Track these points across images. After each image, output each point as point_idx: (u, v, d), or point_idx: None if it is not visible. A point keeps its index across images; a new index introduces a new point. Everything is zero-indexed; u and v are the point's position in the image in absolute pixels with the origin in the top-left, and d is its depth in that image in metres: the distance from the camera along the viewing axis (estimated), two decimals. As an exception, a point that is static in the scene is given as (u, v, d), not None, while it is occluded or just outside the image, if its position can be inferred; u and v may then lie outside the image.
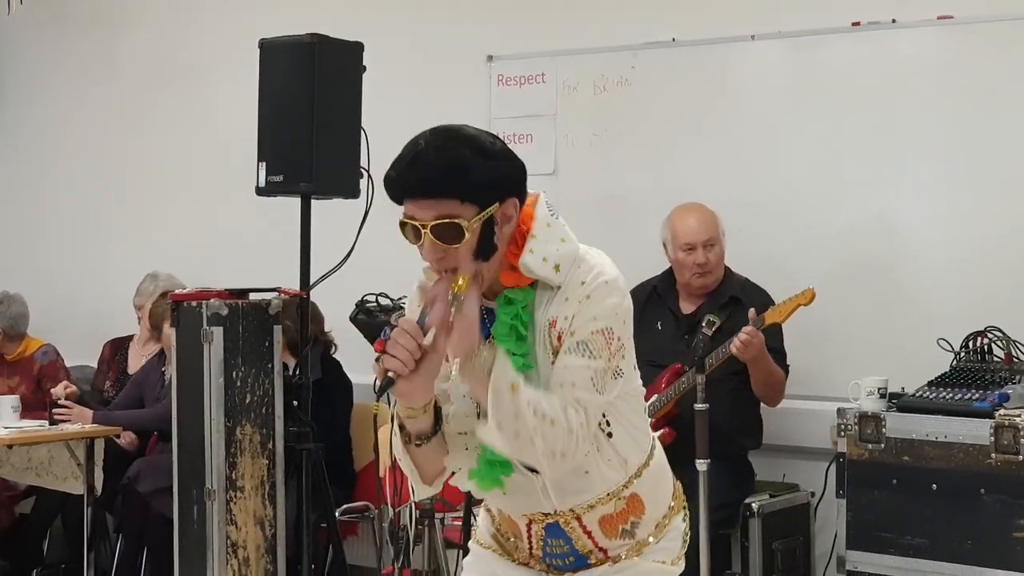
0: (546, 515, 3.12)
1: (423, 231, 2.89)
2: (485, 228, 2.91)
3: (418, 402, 2.93)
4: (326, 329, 6.89)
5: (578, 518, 3.11)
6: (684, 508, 3.30)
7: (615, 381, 3.00)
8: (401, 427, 3.00)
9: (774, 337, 5.76)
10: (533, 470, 2.98)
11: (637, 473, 3.12)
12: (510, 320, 2.97)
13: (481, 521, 3.35)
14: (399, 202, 2.96)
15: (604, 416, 3.01)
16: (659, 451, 3.22)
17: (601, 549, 3.17)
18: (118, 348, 7.75)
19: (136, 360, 7.63)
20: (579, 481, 3.04)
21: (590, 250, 3.04)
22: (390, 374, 2.84)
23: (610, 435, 3.04)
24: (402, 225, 2.94)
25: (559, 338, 2.96)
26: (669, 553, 3.22)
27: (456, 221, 2.87)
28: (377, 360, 2.85)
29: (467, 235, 2.88)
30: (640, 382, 3.15)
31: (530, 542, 3.19)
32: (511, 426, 2.87)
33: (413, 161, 2.93)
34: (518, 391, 2.86)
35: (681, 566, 3.25)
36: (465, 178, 2.90)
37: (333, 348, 6.95)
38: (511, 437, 2.89)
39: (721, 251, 5.95)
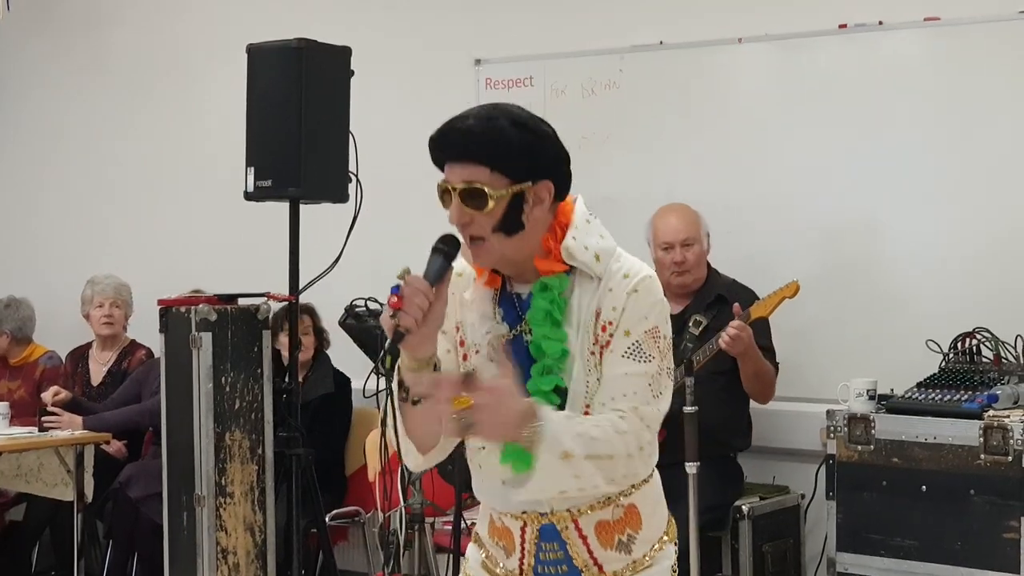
0: (542, 515, 3.11)
1: (452, 193, 2.96)
2: (513, 202, 2.97)
3: (425, 352, 2.95)
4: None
5: (575, 520, 3.09)
6: (676, 543, 3.28)
7: (668, 380, 3.03)
8: (401, 384, 2.99)
9: (762, 335, 5.77)
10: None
11: (638, 486, 3.10)
12: (547, 305, 3.00)
13: (470, 553, 3.35)
14: (441, 167, 3.03)
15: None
16: (658, 477, 3.21)
17: (597, 563, 3.13)
18: (78, 359, 7.70)
19: (97, 371, 7.58)
20: None
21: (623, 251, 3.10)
22: (401, 329, 2.87)
23: None
24: (439, 188, 3.02)
25: (604, 328, 2.98)
26: None
27: (481, 187, 2.94)
28: (393, 316, 2.87)
29: (491, 204, 2.94)
30: None
31: (523, 550, 3.16)
32: (568, 484, 2.92)
33: (453, 125, 2.99)
34: (571, 458, 2.85)
35: None
36: (497, 147, 2.95)
37: (326, 344, 6.98)
38: (568, 486, 2.94)
39: (701, 251, 5.96)
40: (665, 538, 3.21)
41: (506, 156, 2.95)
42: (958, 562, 5.20)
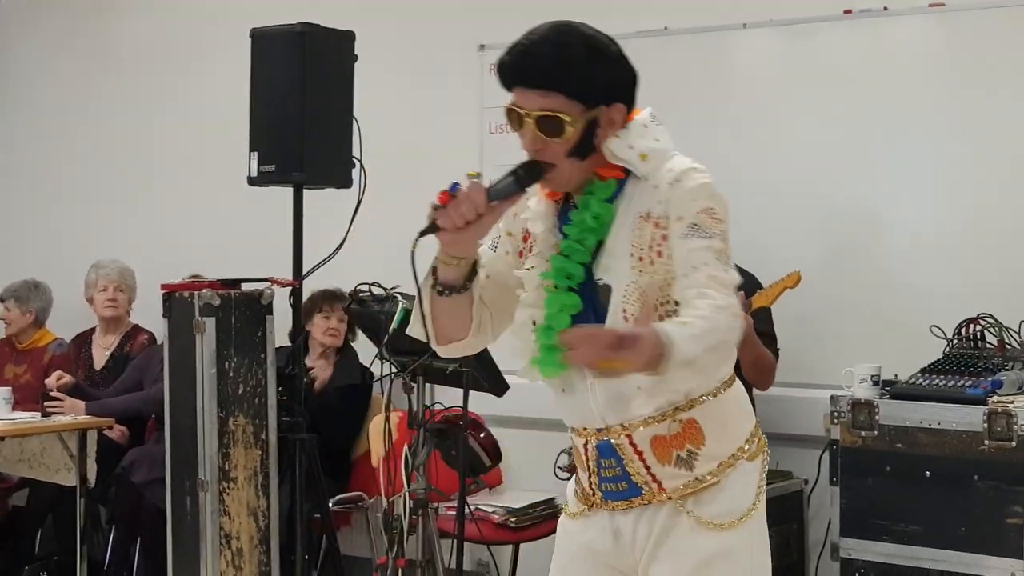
0: (598, 431, 3.09)
1: (526, 120, 2.95)
2: (588, 128, 2.96)
3: (460, 252, 2.99)
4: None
5: (628, 435, 3.06)
6: (765, 458, 3.17)
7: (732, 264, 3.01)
8: (433, 270, 3.03)
9: (763, 321, 5.76)
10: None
11: (699, 401, 3.05)
12: (589, 216, 3.00)
13: (570, 484, 3.32)
14: (509, 88, 3.01)
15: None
16: (737, 391, 3.16)
17: (655, 479, 3.07)
18: (82, 344, 7.74)
19: (100, 355, 7.62)
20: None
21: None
22: (437, 223, 2.91)
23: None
24: (508, 112, 3.00)
25: (656, 224, 2.97)
26: (731, 512, 3.08)
27: (560, 115, 2.93)
28: (435, 208, 2.91)
29: (568, 131, 2.93)
30: None
31: (588, 469, 3.14)
32: (691, 381, 2.96)
33: (528, 49, 2.98)
34: (696, 362, 2.79)
35: (755, 523, 3.11)
36: (576, 75, 2.94)
37: (354, 336, 6.99)
38: (691, 382, 2.98)
39: None
40: (738, 454, 3.11)
41: (582, 83, 2.94)
42: (962, 547, 5.20)
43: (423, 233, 2.92)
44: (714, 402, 3.07)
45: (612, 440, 3.07)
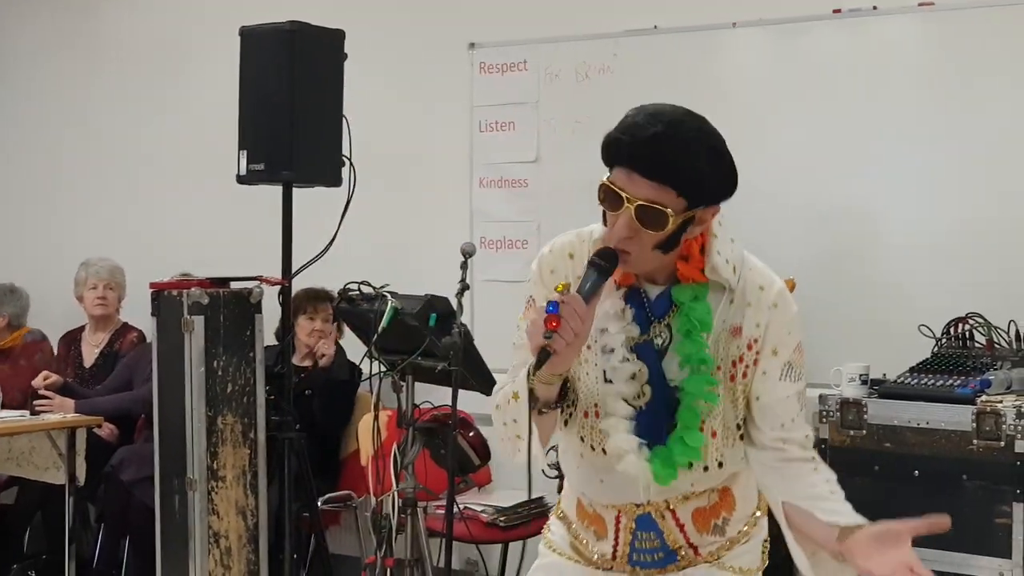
0: (638, 506, 3.07)
1: (628, 206, 2.78)
2: (681, 225, 2.84)
3: (564, 370, 2.85)
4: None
5: (672, 511, 3.07)
6: (767, 510, 3.23)
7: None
8: (531, 392, 2.87)
9: None
10: None
11: (736, 471, 3.09)
12: (696, 320, 2.91)
13: (555, 528, 3.28)
14: (611, 165, 2.86)
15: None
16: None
17: (692, 546, 3.11)
18: (71, 342, 7.73)
19: (89, 352, 7.61)
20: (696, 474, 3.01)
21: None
22: (551, 350, 2.75)
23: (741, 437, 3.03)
24: (605, 189, 2.83)
25: (749, 347, 2.92)
26: (753, 560, 3.20)
27: (665, 211, 2.78)
28: (547, 337, 2.74)
29: (668, 226, 2.80)
30: None
31: (617, 538, 3.12)
32: None
33: (654, 138, 2.80)
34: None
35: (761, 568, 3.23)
36: (693, 177, 2.81)
37: (341, 333, 7.01)
38: None
39: None
40: (758, 513, 3.20)
41: (696, 185, 2.83)
42: (950, 547, 5.20)
43: (537, 365, 2.78)
44: (742, 471, 3.11)
45: (654, 515, 3.08)
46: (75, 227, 8.41)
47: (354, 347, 6.47)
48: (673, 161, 2.79)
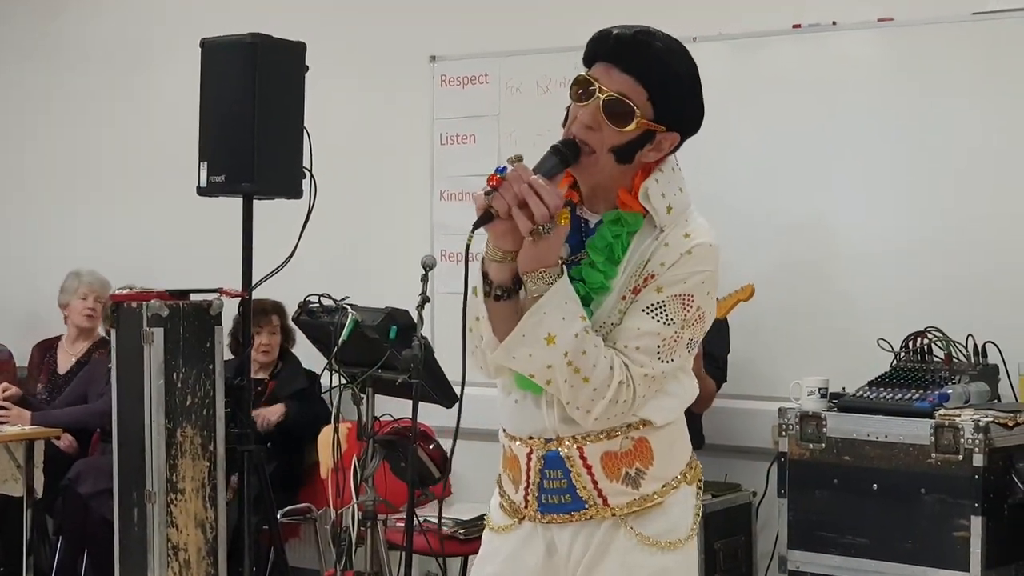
0: (547, 441, 3.05)
1: (597, 96, 2.91)
2: (642, 136, 2.93)
3: (509, 246, 2.90)
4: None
5: (580, 448, 3.03)
6: (699, 484, 3.19)
7: (685, 352, 3.00)
8: (485, 276, 2.96)
9: (718, 345, 5.77)
10: None
11: (651, 425, 3.04)
12: (611, 239, 2.96)
13: (492, 502, 3.28)
14: (592, 62, 2.98)
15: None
16: (683, 422, 3.17)
17: (601, 494, 3.05)
18: (47, 350, 7.72)
19: (65, 360, 7.61)
20: None
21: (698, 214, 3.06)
22: (491, 210, 2.83)
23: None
24: (580, 81, 2.96)
25: (646, 280, 2.95)
26: (674, 531, 3.09)
27: (632, 106, 2.88)
28: (486, 194, 2.83)
29: (631, 126, 2.90)
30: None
31: (528, 479, 3.09)
32: (536, 366, 2.90)
33: (643, 36, 2.94)
34: (553, 343, 2.84)
35: (691, 548, 3.13)
36: (667, 84, 2.92)
37: (292, 342, 7.00)
38: (537, 375, 2.92)
39: None
40: (680, 478, 3.13)
41: (667, 95, 2.93)
42: (909, 560, 5.23)
43: (479, 223, 2.85)
44: (664, 428, 3.08)
45: (562, 452, 3.04)
46: (34, 236, 8.37)
47: (312, 357, 6.46)
48: (656, 60, 2.92)
